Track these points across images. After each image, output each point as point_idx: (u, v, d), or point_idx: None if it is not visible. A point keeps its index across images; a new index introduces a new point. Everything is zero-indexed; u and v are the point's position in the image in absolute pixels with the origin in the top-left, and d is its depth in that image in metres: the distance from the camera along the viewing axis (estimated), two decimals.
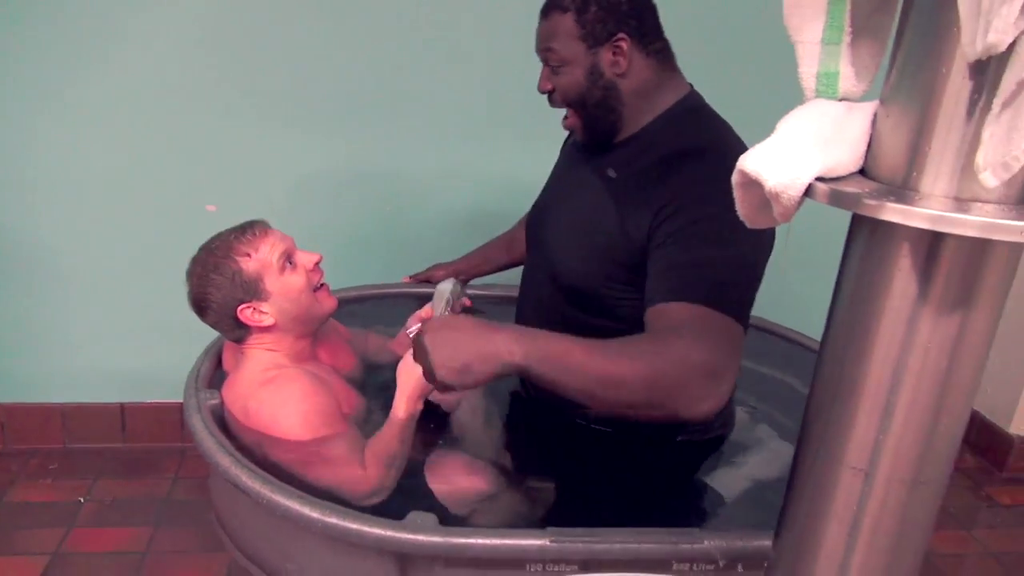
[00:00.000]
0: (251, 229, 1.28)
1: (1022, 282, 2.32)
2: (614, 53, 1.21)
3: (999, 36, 0.52)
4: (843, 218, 0.70)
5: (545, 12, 1.25)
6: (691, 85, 1.29)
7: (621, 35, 1.20)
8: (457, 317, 1.04)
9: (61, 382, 2.09)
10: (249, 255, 1.25)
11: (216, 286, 1.25)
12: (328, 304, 1.34)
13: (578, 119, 1.28)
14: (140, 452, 2.14)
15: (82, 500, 1.93)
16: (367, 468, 1.18)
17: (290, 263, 1.29)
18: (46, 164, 1.91)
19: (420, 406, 1.26)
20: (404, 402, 1.23)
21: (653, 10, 1.25)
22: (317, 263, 1.32)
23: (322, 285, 1.33)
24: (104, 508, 1.92)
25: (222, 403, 1.28)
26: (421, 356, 1.00)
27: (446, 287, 1.35)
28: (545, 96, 1.30)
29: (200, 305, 1.28)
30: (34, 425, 2.11)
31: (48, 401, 2.11)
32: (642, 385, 0.98)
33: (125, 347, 2.09)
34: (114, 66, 1.85)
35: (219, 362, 1.42)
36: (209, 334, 1.43)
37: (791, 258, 1.62)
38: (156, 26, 1.83)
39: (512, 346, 0.96)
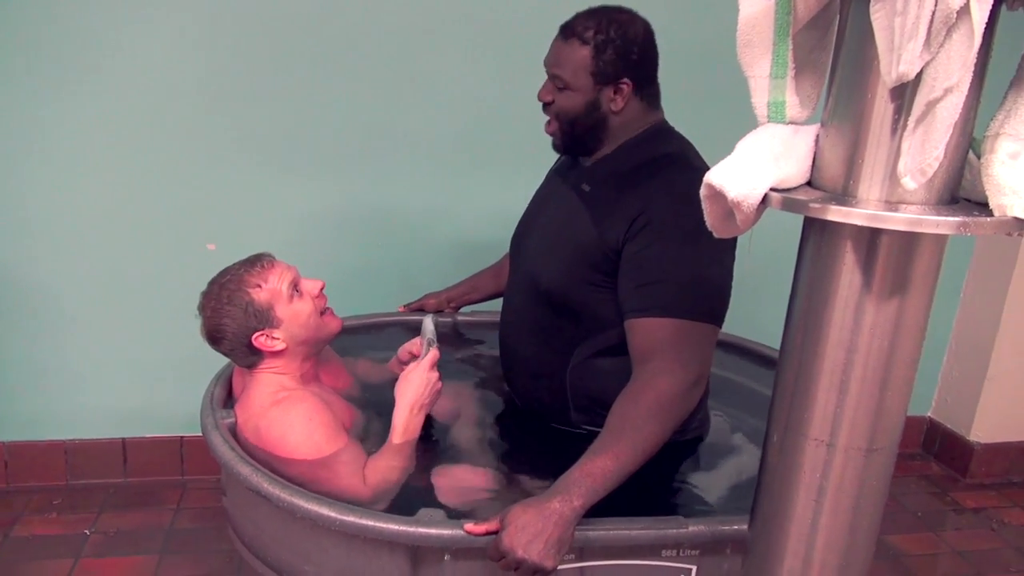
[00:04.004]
0: (259, 261, 1.37)
1: (977, 304, 2.46)
2: (615, 92, 1.34)
3: (908, 67, 0.65)
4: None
5: (566, 35, 1.34)
6: (665, 119, 1.42)
7: (626, 79, 1.33)
8: (515, 513, 1.07)
9: (63, 420, 2.13)
10: (260, 286, 1.34)
11: (231, 316, 1.33)
12: (334, 324, 1.43)
13: (560, 131, 1.40)
14: (141, 485, 2.18)
15: (88, 532, 1.98)
16: (367, 479, 1.28)
17: (297, 291, 1.38)
18: (45, 204, 1.95)
19: (421, 419, 1.35)
20: (405, 414, 1.33)
21: (655, 61, 1.37)
22: (321, 289, 1.42)
23: (327, 308, 1.43)
24: (110, 539, 1.96)
25: (235, 422, 1.36)
26: (521, 565, 1.04)
27: (428, 320, 1.48)
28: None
29: (215, 336, 1.35)
30: (37, 462, 2.14)
31: (50, 439, 2.14)
32: (662, 432, 1.17)
33: (125, 384, 2.14)
34: (114, 107, 1.91)
35: (230, 386, 1.50)
36: (205, 370, 1.51)
37: (763, 283, 1.74)
38: (157, 69, 1.91)
39: (570, 504, 1.08)
